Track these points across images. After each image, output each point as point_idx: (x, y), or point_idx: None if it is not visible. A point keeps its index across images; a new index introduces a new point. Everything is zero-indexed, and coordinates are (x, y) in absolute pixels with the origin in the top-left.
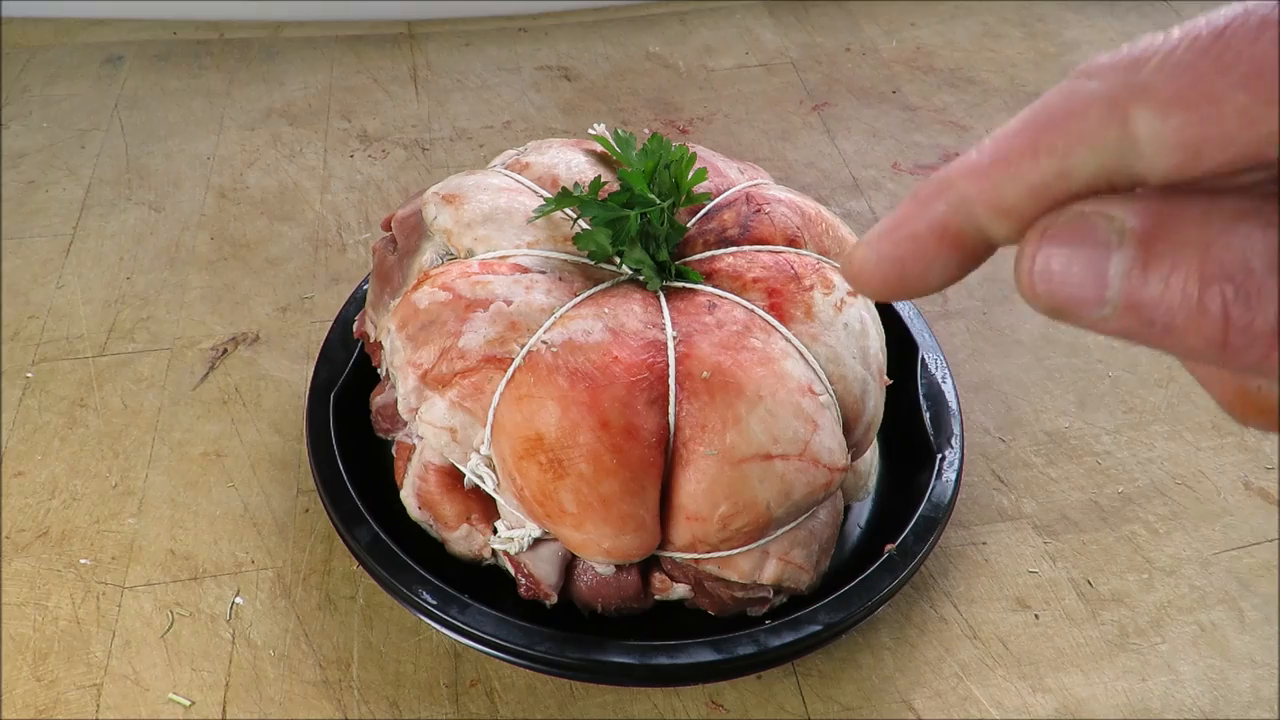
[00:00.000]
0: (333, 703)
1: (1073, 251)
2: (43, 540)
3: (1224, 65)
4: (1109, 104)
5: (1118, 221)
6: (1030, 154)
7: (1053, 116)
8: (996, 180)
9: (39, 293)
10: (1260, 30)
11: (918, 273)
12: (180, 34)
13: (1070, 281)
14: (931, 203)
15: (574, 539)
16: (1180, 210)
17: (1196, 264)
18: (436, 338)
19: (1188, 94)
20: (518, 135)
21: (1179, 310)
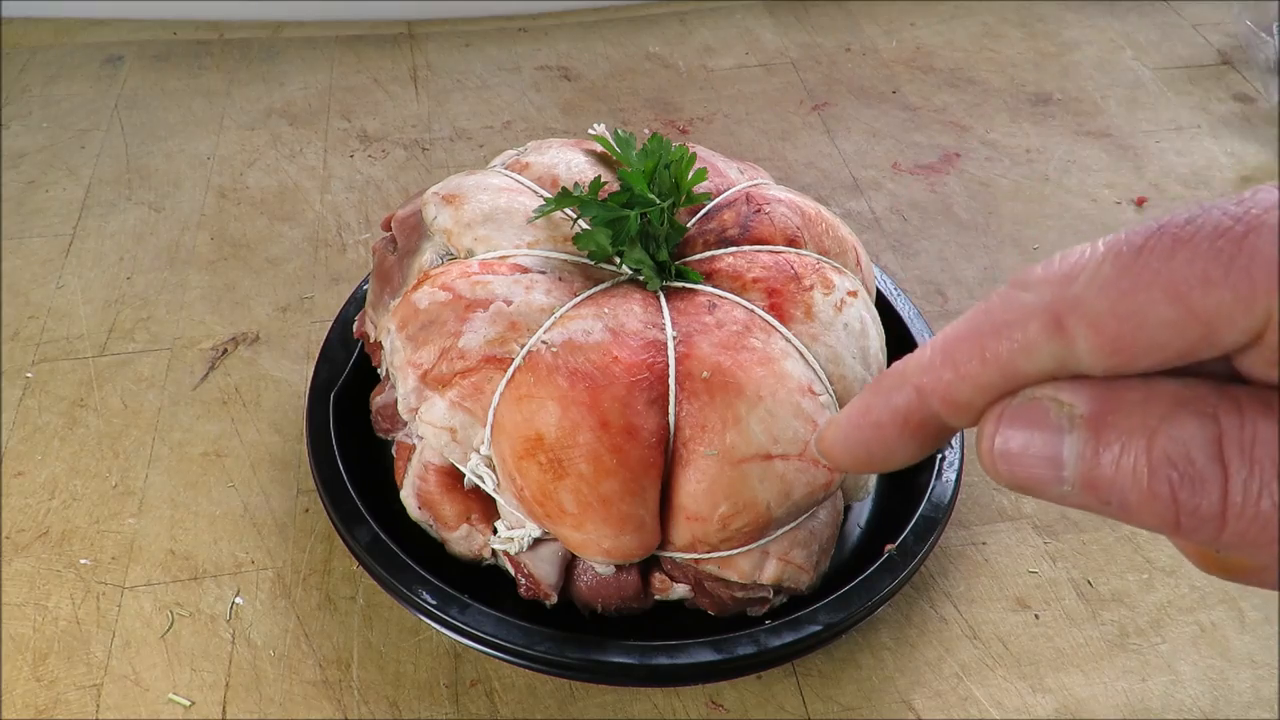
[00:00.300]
0: (333, 703)
1: (1028, 435)
2: (43, 540)
3: (1145, 282)
4: (1046, 317)
5: (1068, 407)
6: (977, 359)
7: (995, 325)
8: (948, 380)
9: (39, 293)
10: (1173, 249)
11: (883, 455)
12: (180, 34)
13: (1028, 463)
14: (892, 395)
15: (574, 539)
16: (1124, 395)
17: (1145, 451)
18: (436, 338)
19: (1116, 309)
20: (518, 135)
21: (1132, 491)
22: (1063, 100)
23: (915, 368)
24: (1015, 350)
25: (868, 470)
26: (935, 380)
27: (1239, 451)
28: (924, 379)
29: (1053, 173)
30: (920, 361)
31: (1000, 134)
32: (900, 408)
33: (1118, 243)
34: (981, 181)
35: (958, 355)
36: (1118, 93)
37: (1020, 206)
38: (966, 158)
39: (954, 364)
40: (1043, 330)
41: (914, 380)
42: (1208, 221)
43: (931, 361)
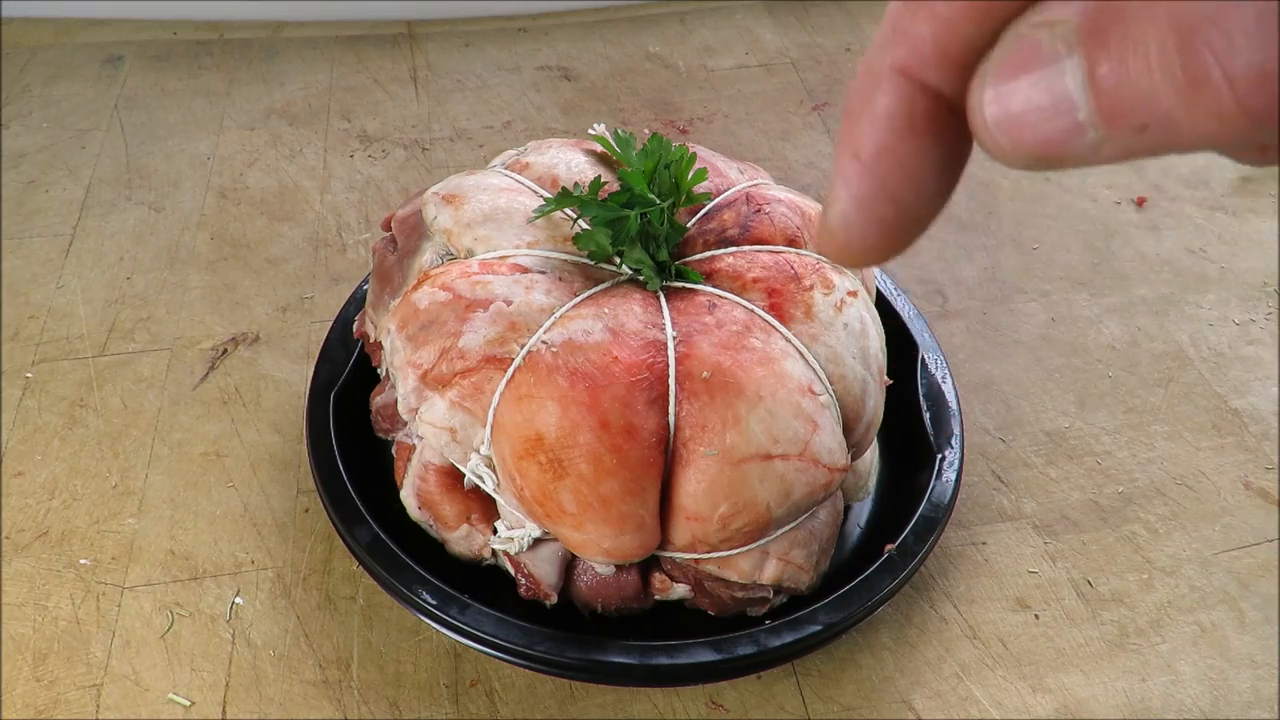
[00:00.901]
0: (333, 703)
1: (1024, 83)
2: (43, 540)
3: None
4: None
5: (1059, 26)
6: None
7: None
8: (931, 33)
9: (39, 293)
10: None
11: (909, 190)
12: (180, 34)
13: (1035, 120)
14: (875, 102)
15: (574, 539)
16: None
17: (1171, 32)
18: (436, 338)
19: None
20: (518, 135)
21: (1170, 99)
22: None
23: (880, 48)
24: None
25: (902, 232)
26: (915, 45)
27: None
28: (899, 52)
29: (1052, 173)
30: (884, 38)
31: None
32: (894, 108)
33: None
34: (981, 181)
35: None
36: None
37: (1020, 206)
38: None
39: (929, 10)
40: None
41: (889, 63)
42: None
43: (898, 26)
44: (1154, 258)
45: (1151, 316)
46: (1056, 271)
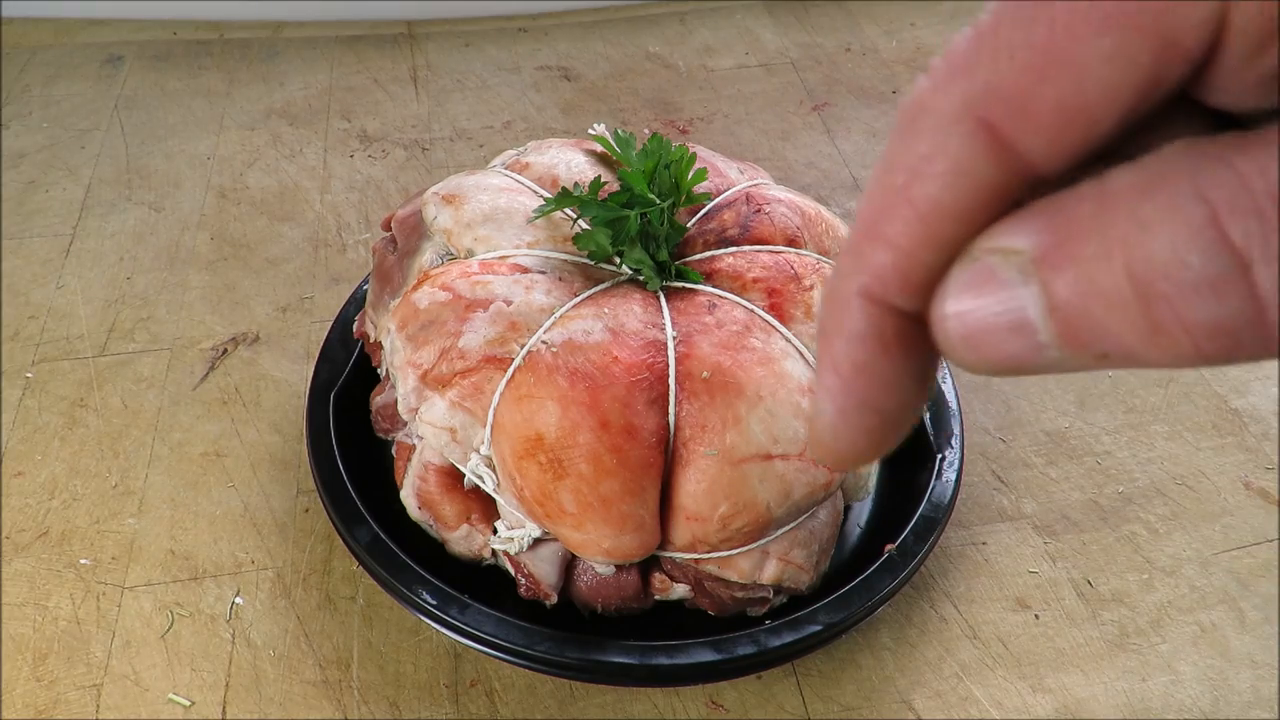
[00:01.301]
0: (333, 703)
1: (983, 304)
2: (43, 540)
3: (1061, 22)
4: (964, 127)
5: (1014, 256)
6: (908, 218)
7: (910, 170)
8: (889, 262)
9: (39, 293)
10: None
11: (890, 402)
12: (180, 34)
13: (996, 338)
14: (845, 326)
15: (574, 539)
16: (1074, 212)
17: (1123, 273)
18: (436, 338)
19: (1046, 70)
20: (518, 135)
21: (1129, 334)
22: None
23: (844, 275)
24: (947, 185)
25: (888, 437)
26: (877, 272)
27: (1250, 218)
28: (863, 279)
29: None
30: (845, 266)
31: None
32: (864, 330)
33: (1005, 6)
34: None
35: (888, 228)
36: None
37: None
38: None
39: (887, 240)
40: (964, 141)
41: (854, 290)
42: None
43: (859, 254)
44: None
45: None
46: None
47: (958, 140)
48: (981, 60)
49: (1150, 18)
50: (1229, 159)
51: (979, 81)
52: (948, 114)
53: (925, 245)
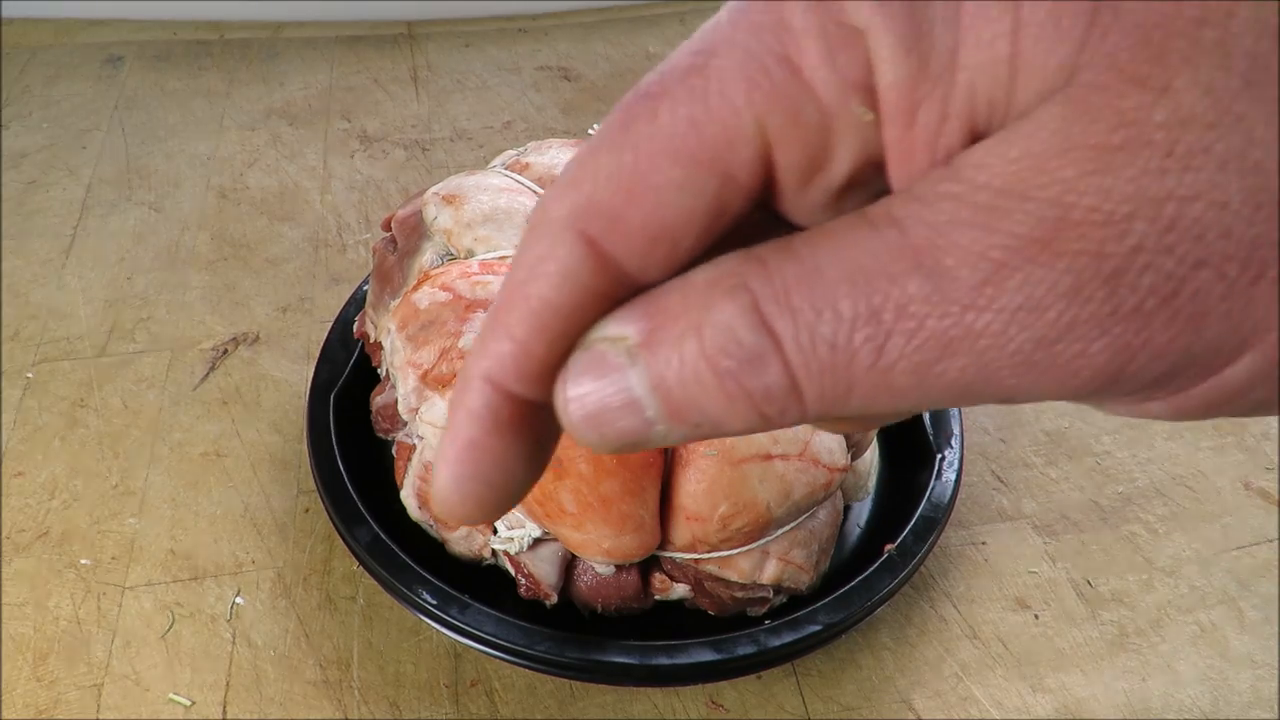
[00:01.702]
0: (333, 703)
1: (597, 387)
2: (43, 540)
3: (643, 153)
4: (570, 238)
5: (620, 341)
6: (526, 315)
7: (530, 269)
8: (508, 352)
9: (39, 293)
10: (655, 106)
11: (500, 478)
12: (180, 34)
13: (611, 417)
14: (466, 401)
15: (574, 539)
16: (666, 303)
17: (699, 354)
18: (436, 338)
19: (630, 196)
20: (518, 135)
21: (709, 401)
22: None
23: (474, 357)
24: (555, 285)
25: (497, 505)
26: (497, 359)
27: (777, 307)
28: (485, 364)
29: None
30: (476, 348)
31: None
32: (481, 410)
33: (609, 126)
34: None
35: (508, 320)
36: None
37: None
38: None
39: (507, 331)
40: (572, 254)
41: (478, 373)
42: (675, 66)
43: (485, 340)
44: None
45: None
46: None
47: (565, 247)
48: (584, 178)
49: (710, 154)
50: (765, 257)
51: (582, 197)
52: (558, 223)
53: (538, 337)
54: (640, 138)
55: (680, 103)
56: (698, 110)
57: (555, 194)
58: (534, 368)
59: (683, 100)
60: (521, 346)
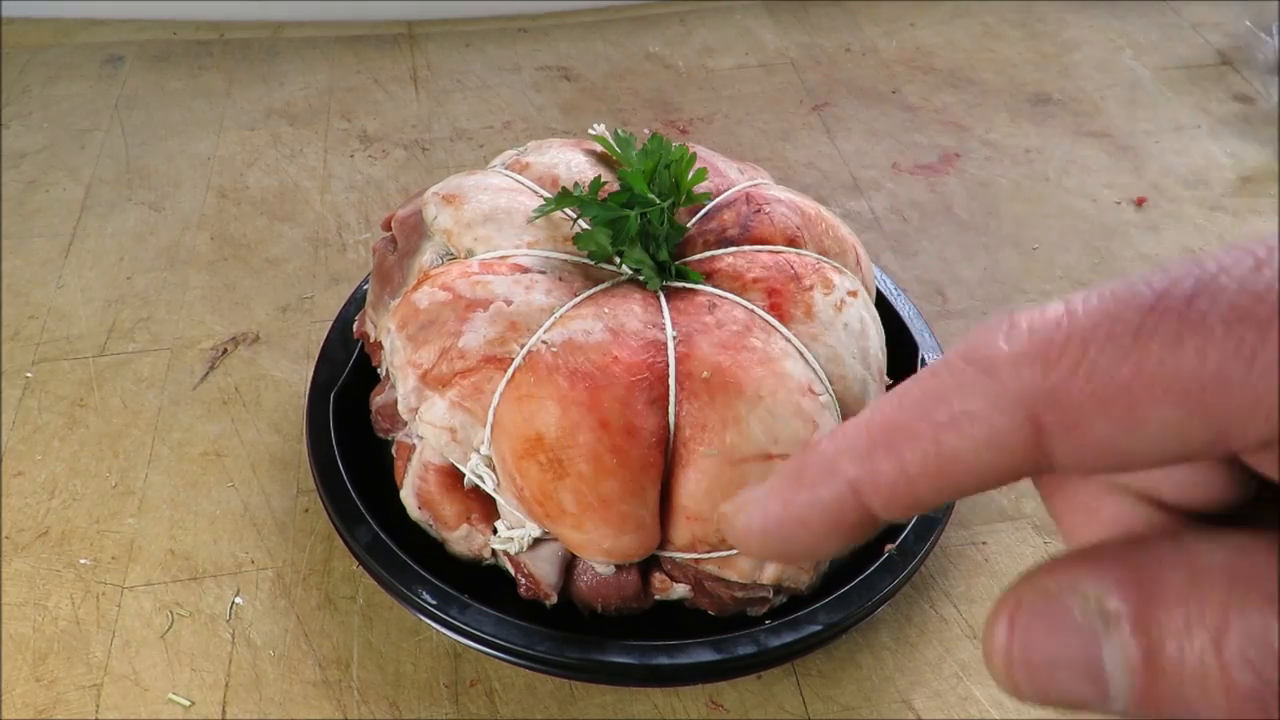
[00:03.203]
0: (333, 703)
1: (1053, 642)
2: (43, 540)
3: (1145, 376)
4: (1017, 411)
5: (1094, 601)
6: (926, 452)
7: (949, 411)
8: (889, 475)
9: (39, 293)
10: (1180, 334)
11: (805, 551)
12: (180, 34)
13: (1061, 679)
14: (819, 488)
15: (574, 539)
16: (1164, 578)
17: (1214, 653)
18: (436, 338)
19: (1110, 408)
20: (518, 135)
21: (1210, 703)
22: (1063, 100)
23: (847, 454)
24: (975, 445)
25: (782, 557)
26: (873, 474)
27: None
28: (858, 472)
29: (1052, 173)
30: (853, 448)
31: (1000, 134)
32: (830, 504)
33: (1106, 316)
34: (981, 181)
35: (899, 443)
36: (1117, 93)
37: (1020, 206)
38: (966, 158)
39: (895, 454)
40: (1011, 425)
41: (846, 472)
42: (1221, 298)
43: (869, 450)
44: (1154, 258)
45: None
46: (1056, 271)
47: (1005, 420)
48: (1062, 359)
49: (1223, 417)
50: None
51: (1050, 381)
52: (1008, 393)
53: (929, 482)
54: (1150, 359)
55: (1215, 348)
56: (1233, 370)
57: (1014, 354)
58: (906, 502)
59: (1218, 346)
60: (908, 482)
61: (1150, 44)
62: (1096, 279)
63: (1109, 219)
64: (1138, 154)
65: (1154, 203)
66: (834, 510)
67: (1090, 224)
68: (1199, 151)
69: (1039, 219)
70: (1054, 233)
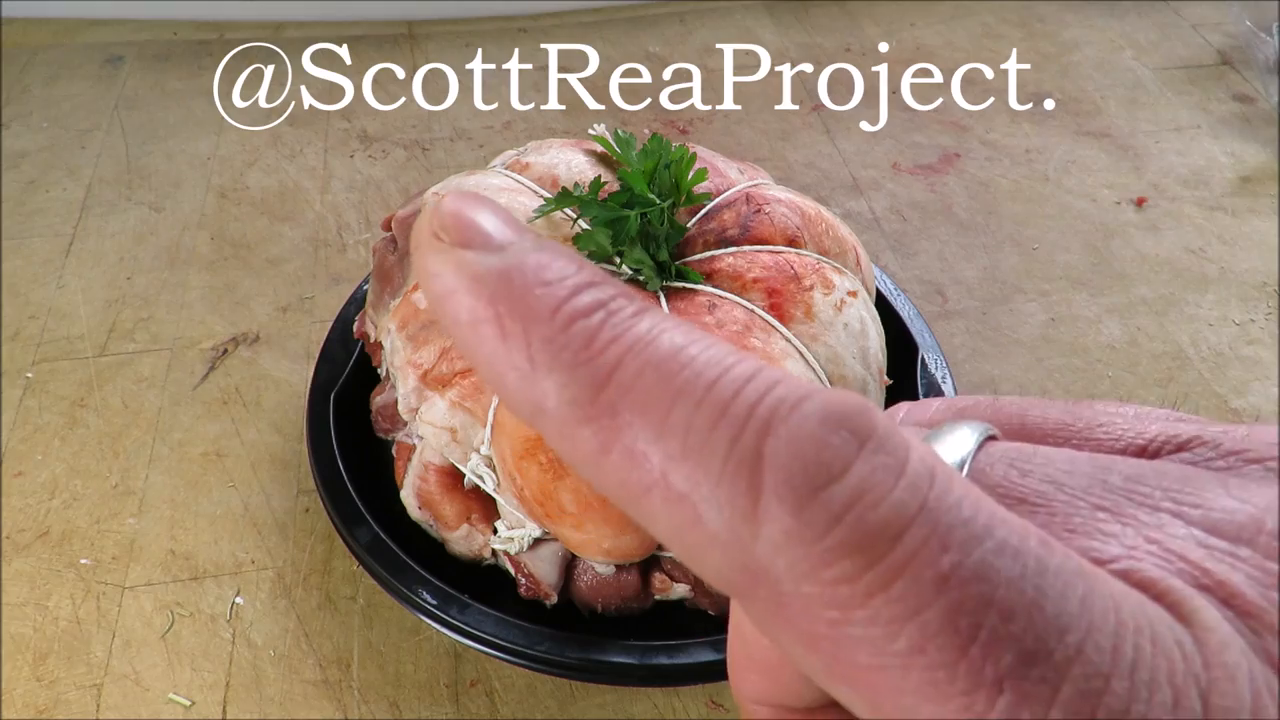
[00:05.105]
0: (333, 703)
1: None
2: (43, 540)
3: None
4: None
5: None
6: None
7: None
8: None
9: (39, 293)
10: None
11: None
12: (180, 34)
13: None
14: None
15: (574, 539)
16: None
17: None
18: (436, 338)
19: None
20: (518, 135)
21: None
22: (1063, 100)
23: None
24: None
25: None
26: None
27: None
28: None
29: (1052, 173)
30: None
31: (1000, 134)
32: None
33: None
34: (981, 181)
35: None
36: (1118, 93)
37: (1020, 206)
38: (966, 158)
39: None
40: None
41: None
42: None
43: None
44: (1154, 258)
45: (1151, 316)
46: (1056, 271)
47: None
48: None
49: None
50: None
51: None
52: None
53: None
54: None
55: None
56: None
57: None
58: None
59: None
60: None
61: (1150, 44)
62: (1096, 279)
63: (1109, 219)
64: (1138, 154)
65: (1154, 203)
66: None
67: (1090, 224)
68: (1199, 151)
69: (1039, 219)
70: (1054, 233)
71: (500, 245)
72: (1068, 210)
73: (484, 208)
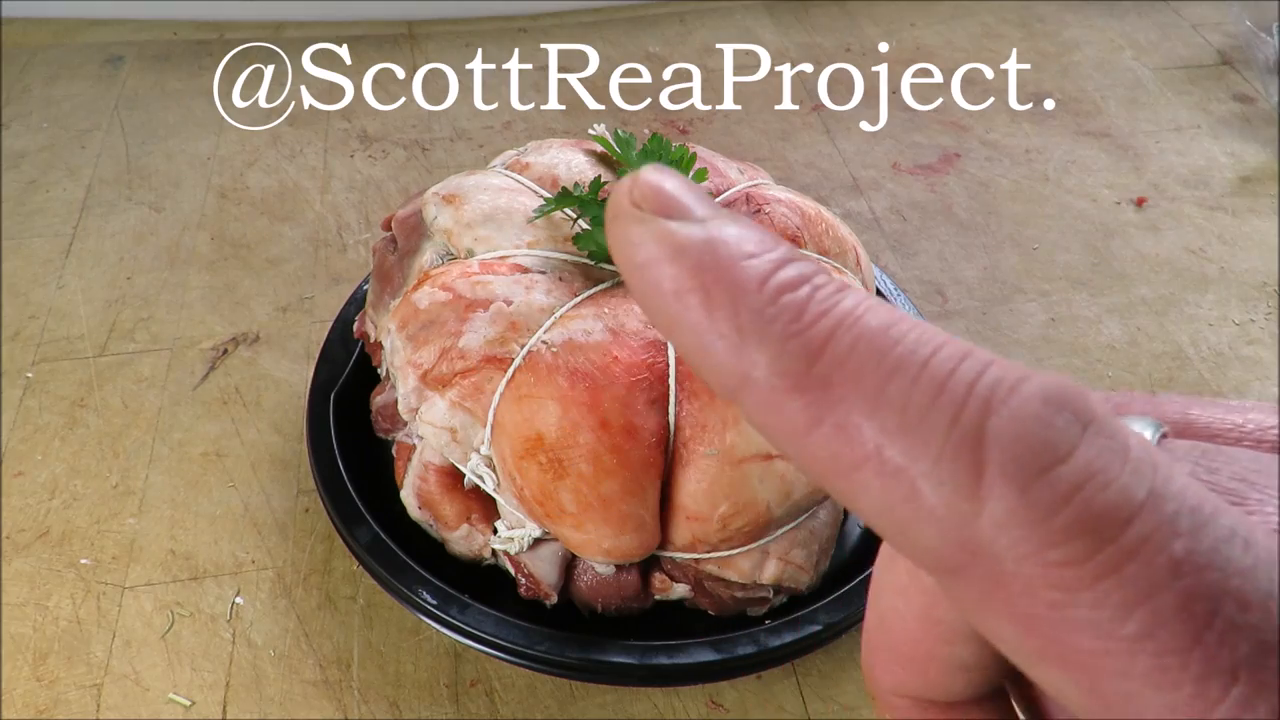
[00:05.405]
0: (333, 703)
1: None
2: (43, 540)
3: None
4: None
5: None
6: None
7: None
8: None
9: (39, 293)
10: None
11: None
12: (180, 34)
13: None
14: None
15: (574, 539)
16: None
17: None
18: (436, 338)
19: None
20: (518, 135)
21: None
22: (1063, 100)
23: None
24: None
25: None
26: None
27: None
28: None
29: (1052, 173)
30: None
31: (1000, 134)
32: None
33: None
34: (981, 181)
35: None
36: (1117, 93)
37: (1020, 206)
38: (966, 158)
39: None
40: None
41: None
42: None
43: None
44: (1154, 258)
45: (1151, 316)
46: (1056, 271)
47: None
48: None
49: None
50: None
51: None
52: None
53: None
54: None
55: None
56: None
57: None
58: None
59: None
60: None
61: (1150, 44)
62: (1096, 279)
63: (1109, 219)
64: (1138, 154)
65: (1154, 203)
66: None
67: (1090, 224)
68: (1199, 151)
69: (1039, 219)
70: (1054, 233)
71: (701, 217)
72: (1068, 210)
73: (682, 181)
